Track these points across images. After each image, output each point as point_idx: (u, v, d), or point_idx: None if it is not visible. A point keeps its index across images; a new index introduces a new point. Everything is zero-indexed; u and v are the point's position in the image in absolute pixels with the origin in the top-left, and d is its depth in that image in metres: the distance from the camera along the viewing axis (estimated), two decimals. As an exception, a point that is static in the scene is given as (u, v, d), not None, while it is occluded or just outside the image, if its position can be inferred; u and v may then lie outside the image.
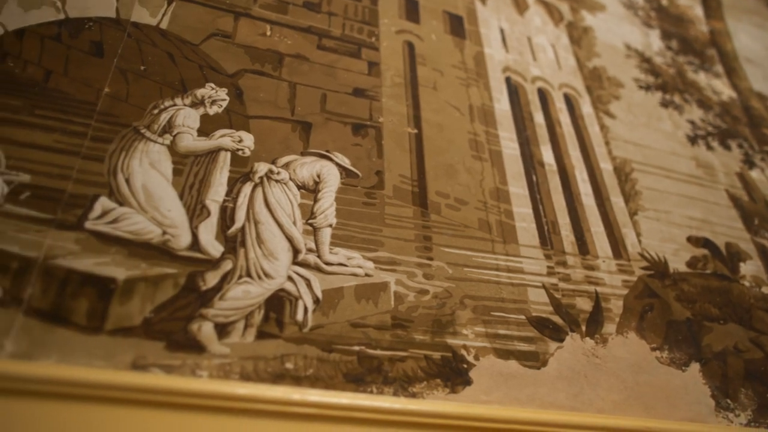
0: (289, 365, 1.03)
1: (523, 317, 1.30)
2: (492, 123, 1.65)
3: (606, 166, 1.74)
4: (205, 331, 1.01)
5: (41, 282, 0.95)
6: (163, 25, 1.37)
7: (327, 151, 1.33)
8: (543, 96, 1.84)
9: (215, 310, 1.03)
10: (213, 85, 1.30)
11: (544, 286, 1.38)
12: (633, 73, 2.10)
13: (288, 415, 0.97)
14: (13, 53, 1.18)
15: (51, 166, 1.07)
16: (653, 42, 2.31)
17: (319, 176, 1.27)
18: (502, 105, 1.72)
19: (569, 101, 1.88)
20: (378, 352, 1.11)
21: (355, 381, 1.06)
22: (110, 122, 1.17)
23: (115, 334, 0.95)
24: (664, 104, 2.08)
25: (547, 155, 1.68)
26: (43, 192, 1.04)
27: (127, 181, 1.11)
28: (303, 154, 1.31)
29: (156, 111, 1.22)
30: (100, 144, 1.13)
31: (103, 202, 1.07)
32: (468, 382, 1.16)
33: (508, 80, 1.81)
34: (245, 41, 1.44)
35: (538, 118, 1.76)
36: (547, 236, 1.48)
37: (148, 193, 1.11)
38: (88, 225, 1.04)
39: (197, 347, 0.99)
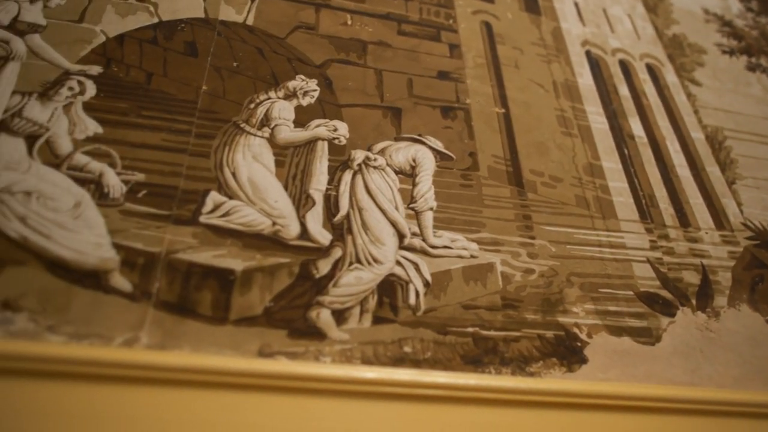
0: (407, 349, 1.03)
1: (631, 293, 1.26)
2: (577, 98, 1.60)
3: (697, 136, 1.68)
4: (324, 317, 1.01)
5: (166, 276, 0.97)
6: (249, 22, 1.39)
7: (419, 135, 1.32)
8: (625, 68, 1.79)
9: (331, 297, 1.03)
10: (303, 76, 1.31)
11: (648, 261, 1.33)
12: (714, 38, 2.01)
13: (414, 398, 0.96)
14: (116, 58, 1.22)
15: (162, 164, 1.10)
16: (732, 4, 2.21)
17: (414, 160, 1.27)
18: (585, 79, 1.67)
19: (652, 71, 1.82)
20: (492, 333, 1.10)
21: (473, 362, 1.05)
22: (211, 119, 1.19)
23: (240, 324, 0.97)
24: (751, 68, 1.99)
25: (636, 127, 1.63)
26: (158, 189, 1.07)
27: (234, 174, 1.13)
28: (397, 139, 1.31)
29: (252, 105, 1.23)
30: (204, 140, 1.15)
31: (214, 197, 1.09)
32: (583, 360, 1.13)
33: (588, 54, 1.76)
34: (328, 32, 1.45)
35: (623, 90, 1.71)
36: (645, 210, 1.43)
37: (254, 186, 1.13)
38: (203, 219, 1.06)
39: (318, 334, 1.00)
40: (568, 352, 1.13)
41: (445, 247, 1.18)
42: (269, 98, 1.25)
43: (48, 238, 0.96)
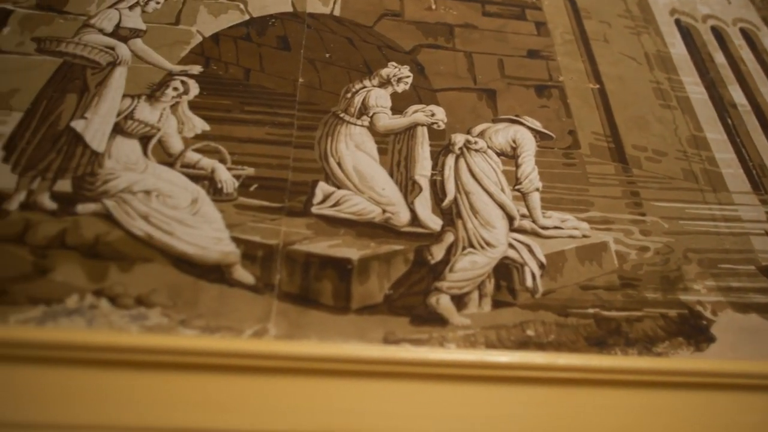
0: (530, 332, 1.00)
1: (752, 267, 1.20)
2: (672, 69, 1.54)
3: (803, 100, 1.58)
4: (444, 303, 1.00)
5: (286, 267, 0.97)
6: (336, 12, 1.39)
7: (517, 116, 1.29)
8: (718, 34, 1.70)
9: (448, 282, 1.02)
10: (395, 63, 1.30)
11: (767, 234, 1.26)
12: (810, -2, 1.90)
13: (545, 381, 0.94)
14: (214, 57, 1.23)
15: (269, 158, 1.10)
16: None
17: (514, 141, 1.24)
18: (677, 49, 1.60)
19: (748, 36, 1.73)
20: (613, 313, 1.06)
21: (598, 344, 1.01)
22: (311, 110, 1.19)
23: (362, 313, 0.96)
24: None
25: (737, 96, 1.55)
26: (269, 182, 1.07)
27: (339, 164, 1.12)
28: (494, 121, 1.28)
29: (349, 95, 1.23)
30: (307, 132, 1.16)
31: (323, 187, 1.09)
32: (711, 339, 1.08)
33: (678, 22, 1.69)
34: (414, 17, 1.43)
35: (719, 58, 1.63)
36: (757, 180, 1.36)
37: (360, 175, 1.12)
38: (314, 210, 1.06)
39: (440, 320, 0.98)
40: (694, 331, 1.08)
41: (556, 227, 1.15)
42: (364, 87, 1.24)
43: (171, 235, 0.97)
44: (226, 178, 1.06)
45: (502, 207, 1.13)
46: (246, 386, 0.89)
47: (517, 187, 1.18)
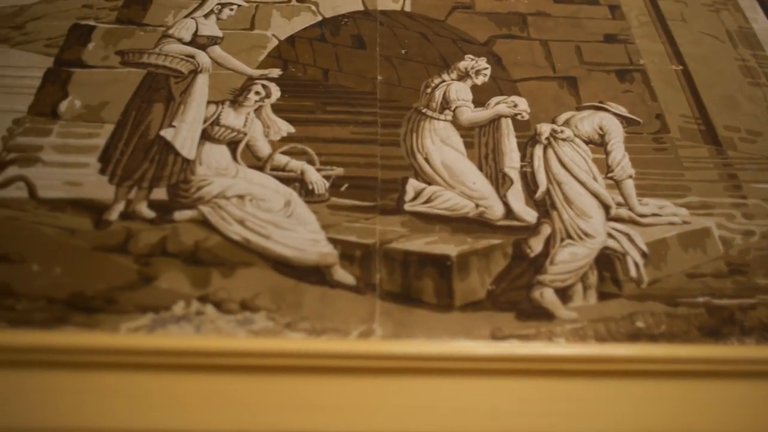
0: (640, 323, 0.96)
1: None
2: (757, 45, 1.47)
3: None
4: (548, 297, 0.96)
5: (385, 266, 0.96)
6: (407, 8, 1.37)
7: (601, 102, 1.24)
8: (800, 7, 1.62)
9: (550, 275, 0.98)
10: (471, 56, 1.27)
11: None
12: None
13: (662, 374, 0.90)
14: (291, 59, 1.23)
15: (357, 157, 1.09)
16: None
17: (601, 128, 1.20)
18: (760, 24, 1.53)
19: (831, 7, 1.64)
20: (724, 301, 1.01)
21: (712, 334, 0.96)
22: (393, 107, 1.17)
23: (466, 309, 0.93)
24: None
25: (828, 69, 1.47)
26: (359, 182, 1.06)
27: (427, 160, 1.11)
28: (578, 108, 1.24)
29: (429, 90, 1.21)
30: (391, 129, 1.14)
31: (413, 184, 1.07)
32: (832, 324, 1.02)
33: (757, -3, 1.62)
34: (485, 8, 1.40)
35: (804, 31, 1.56)
36: None
37: (449, 169, 1.10)
38: (407, 207, 1.04)
39: (545, 314, 0.95)
40: (813, 316, 1.02)
41: (654, 214, 1.10)
42: (444, 81, 1.22)
43: (268, 238, 0.97)
44: (317, 179, 1.05)
45: (596, 196, 1.10)
46: (353, 387, 0.88)
47: (609, 175, 1.14)
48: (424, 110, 1.17)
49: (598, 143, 1.19)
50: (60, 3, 1.28)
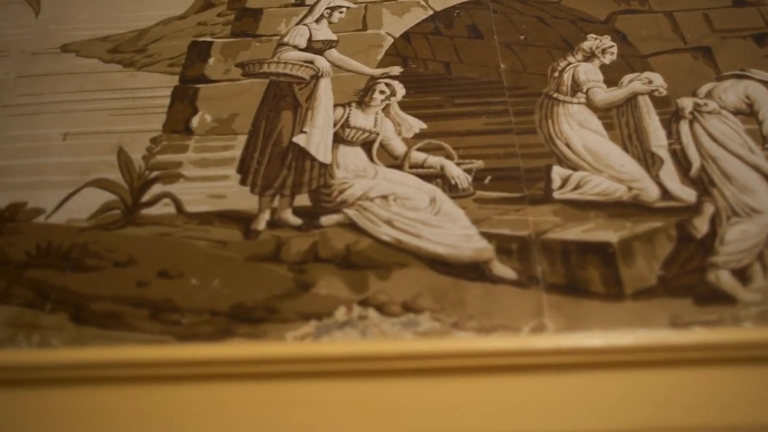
0: (832, 302, 0.88)
1: None
2: None
3: None
4: (725, 279, 0.89)
5: (545, 258, 0.91)
6: (517, -6, 1.32)
7: (742, 70, 1.16)
8: None
9: (723, 256, 0.91)
10: (594, 35, 1.21)
11: None
12: None
13: None
14: (410, 56, 1.21)
15: (495, 148, 1.05)
16: None
17: (748, 97, 1.11)
18: None
19: None
20: None
21: None
22: (522, 94, 1.13)
23: (638, 297, 0.88)
24: None
25: None
26: (501, 173, 1.02)
27: (568, 145, 1.05)
28: (718, 78, 1.16)
29: (556, 74, 1.16)
30: (525, 117, 1.10)
31: (558, 171, 1.02)
32: None
33: None
34: (599, -15, 1.34)
35: None
36: None
37: (593, 153, 1.04)
38: (557, 195, 0.99)
39: (725, 298, 0.88)
40: None
41: (825, 184, 1.02)
42: (570, 63, 1.17)
43: (419, 237, 0.94)
44: (458, 173, 1.01)
45: (756, 169, 1.02)
46: (528, 385, 0.83)
47: (767, 146, 1.06)
48: (555, 95, 1.12)
49: (747, 113, 1.10)
50: (176, 23, 1.30)
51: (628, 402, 0.83)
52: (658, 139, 1.06)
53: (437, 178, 1.01)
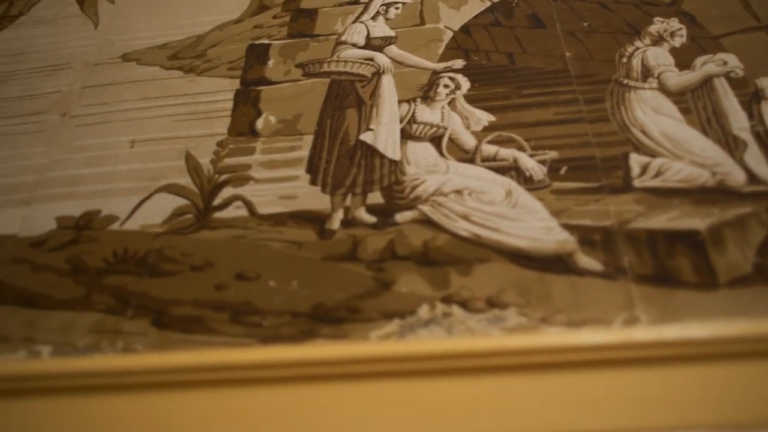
0: None
1: None
2: None
3: None
4: (825, 264, 0.85)
5: (631, 248, 0.88)
6: (576, -19, 1.29)
7: (821, 47, 1.12)
8: None
9: (820, 240, 0.87)
10: (660, 18, 1.17)
11: None
12: None
13: None
14: (471, 48, 1.18)
15: (567, 138, 1.02)
16: None
17: (830, 74, 1.07)
18: None
19: None
20: None
21: None
22: (590, 82, 1.10)
23: (734, 286, 0.84)
24: None
25: None
26: (576, 162, 0.99)
27: (644, 132, 1.02)
28: (797, 57, 1.12)
29: (624, 60, 1.12)
30: (595, 105, 1.06)
31: (636, 159, 0.98)
32: None
33: None
34: (659, -33, 1.31)
35: None
36: None
37: (671, 139, 1.01)
38: (637, 183, 0.96)
39: (829, 284, 0.84)
40: None
41: None
42: (638, 48, 1.13)
43: (498, 231, 0.91)
44: (532, 165, 0.99)
45: None
46: (622, 380, 0.80)
47: None
48: (625, 81, 1.09)
49: (830, 91, 1.06)
50: (232, 27, 1.30)
51: (734, 395, 0.79)
52: (739, 121, 1.02)
53: (511, 170, 0.99)
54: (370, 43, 1.20)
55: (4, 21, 1.40)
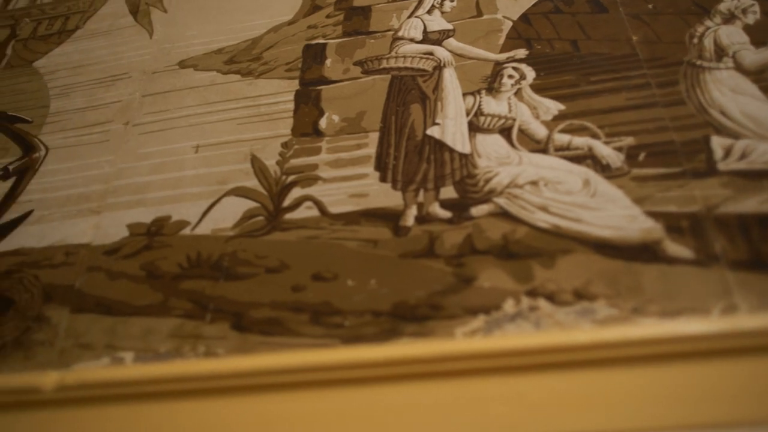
0: None
1: None
2: None
3: None
4: None
5: (721, 233, 0.84)
6: (636, -38, 1.25)
7: None
8: None
9: None
10: (730, -4, 1.14)
11: None
12: None
13: None
14: (533, 37, 1.16)
15: (642, 123, 0.99)
16: None
17: None
18: None
19: None
20: None
21: None
22: (661, 65, 1.06)
23: None
24: None
25: None
26: (655, 148, 0.95)
27: (723, 113, 0.98)
28: None
29: (695, 40, 1.08)
30: (668, 88, 1.03)
31: (718, 141, 0.95)
32: None
33: None
34: (724, -56, 1.26)
35: None
36: None
37: (754, 119, 0.96)
38: (722, 167, 0.92)
39: None
40: None
41: None
42: (708, 28, 1.09)
43: (579, 222, 0.89)
44: (608, 152, 0.96)
45: None
46: (724, 371, 0.77)
47: None
48: (698, 62, 1.05)
49: None
50: (286, 29, 1.30)
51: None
52: (824, 99, 0.97)
53: (586, 159, 0.96)
54: (428, 38, 1.19)
55: (62, 35, 1.42)
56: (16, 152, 1.21)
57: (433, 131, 1.03)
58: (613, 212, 0.89)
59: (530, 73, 1.09)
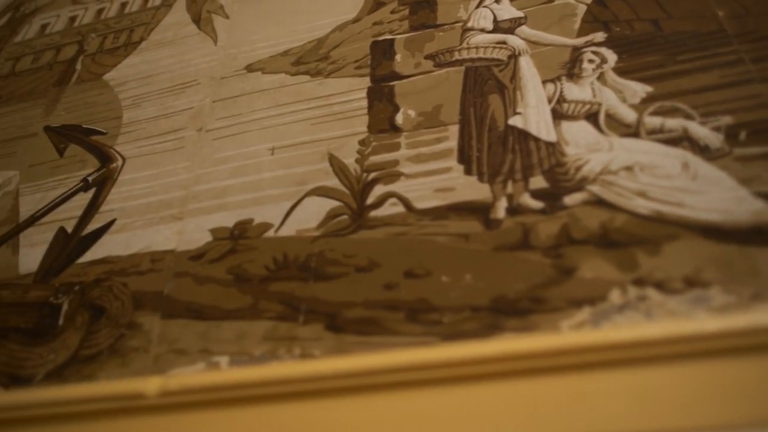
0: None
1: None
2: None
3: None
4: None
5: (839, 212, 0.79)
6: (712, -63, 1.20)
7: None
8: None
9: None
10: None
11: None
12: None
13: None
14: (609, 19, 1.12)
15: (740, 101, 0.94)
16: None
17: None
18: None
19: None
20: None
21: None
22: (753, 39, 1.01)
23: None
24: None
25: None
26: (756, 125, 0.91)
27: (826, 86, 0.93)
28: None
29: (788, 12, 1.03)
30: (764, 63, 0.97)
31: (826, 115, 0.90)
32: None
33: None
34: None
35: None
36: None
37: None
38: (833, 143, 0.87)
39: None
40: None
41: None
42: (800, -2, 1.04)
43: (681, 206, 0.85)
44: (705, 133, 0.91)
45: None
46: None
47: None
48: (794, 35, 1.00)
49: None
50: (351, 27, 1.29)
51: None
52: None
53: (682, 141, 0.92)
54: (499, 27, 1.16)
55: (128, 48, 1.44)
56: (93, 164, 1.22)
57: (516, 121, 1.00)
58: (718, 195, 0.85)
59: (611, 57, 1.05)
